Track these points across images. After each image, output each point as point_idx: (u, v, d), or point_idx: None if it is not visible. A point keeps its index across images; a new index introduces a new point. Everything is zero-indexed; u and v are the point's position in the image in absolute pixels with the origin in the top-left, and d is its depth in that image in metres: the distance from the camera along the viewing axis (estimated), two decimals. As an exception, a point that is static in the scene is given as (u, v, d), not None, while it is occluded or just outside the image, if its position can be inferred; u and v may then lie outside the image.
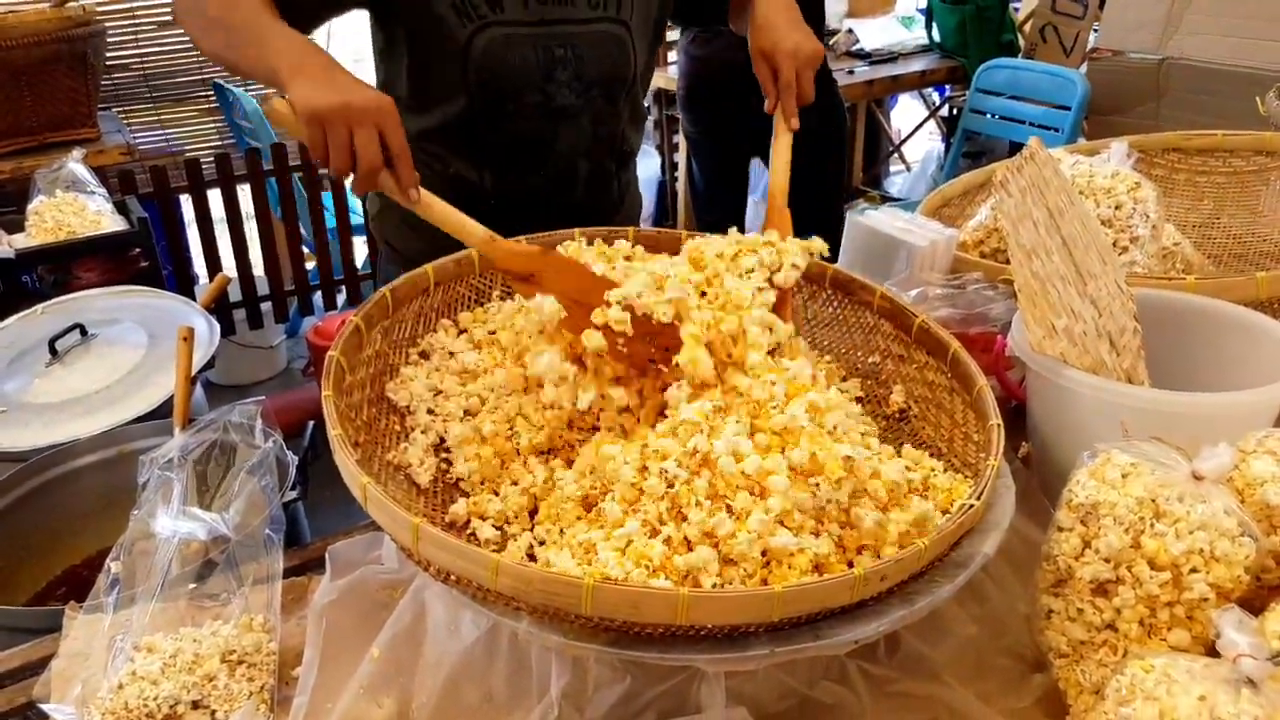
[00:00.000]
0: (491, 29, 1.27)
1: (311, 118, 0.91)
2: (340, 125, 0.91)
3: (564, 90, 1.33)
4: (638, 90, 1.44)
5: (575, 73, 1.33)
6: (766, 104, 1.23)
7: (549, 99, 1.33)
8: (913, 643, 0.88)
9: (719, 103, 2.85)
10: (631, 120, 1.46)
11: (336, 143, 0.91)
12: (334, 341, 0.96)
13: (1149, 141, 1.63)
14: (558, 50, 1.31)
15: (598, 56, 1.34)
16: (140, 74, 3.73)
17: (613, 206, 1.51)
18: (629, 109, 1.44)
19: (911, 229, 1.33)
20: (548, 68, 1.31)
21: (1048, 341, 0.99)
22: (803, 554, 0.80)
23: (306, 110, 0.92)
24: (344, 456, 0.82)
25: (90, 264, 2.36)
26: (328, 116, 0.91)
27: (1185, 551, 0.76)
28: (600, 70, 1.35)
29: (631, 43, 1.37)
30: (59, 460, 1.37)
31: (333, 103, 0.91)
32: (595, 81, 1.35)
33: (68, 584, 1.34)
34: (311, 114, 0.91)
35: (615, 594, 0.72)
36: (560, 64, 1.31)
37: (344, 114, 0.91)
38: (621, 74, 1.38)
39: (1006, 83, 3.43)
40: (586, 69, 1.33)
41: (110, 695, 0.88)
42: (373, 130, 0.92)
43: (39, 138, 2.74)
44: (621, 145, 1.47)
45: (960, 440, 1.02)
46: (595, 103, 1.37)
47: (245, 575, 1.02)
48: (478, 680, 0.87)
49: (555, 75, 1.32)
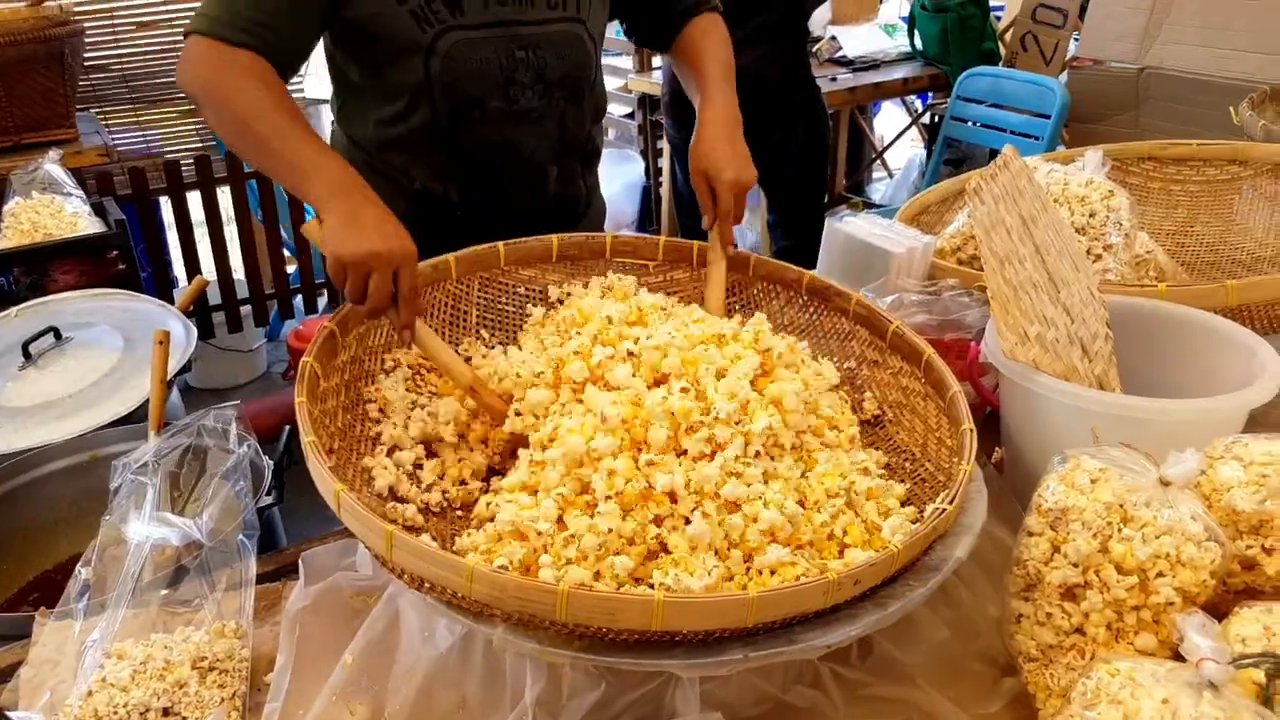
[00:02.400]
0: (452, 33, 1.26)
1: (336, 262, 0.99)
2: (361, 271, 0.99)
3: (526, 92, 1.33)
4: (599, 89, 1.45)
5: (537, 74, 1.33)
6: (705, 221, 1.26)
7: (512, 102, 1.33)
8: (885, 646, 0.89)
9: None
10: (594, 118, 1.47)
11: (355, 282, 1.00)
12: (308, 347, 0.95)
13: (1125, 150, 1.65)
14: (518, 52, 1.31)
15: (558, 56, 1.34)
16: (119, 75, 3.70)
17: (580, 211, 1.51)
18: (592, 108, 1.44)
19: (889, 236, 1.33)
20: (509, 70, 1.31)
21: (1020, 348, 1.00)
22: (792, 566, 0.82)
23: (333, 255, 1.00)
24: (317, 463, 0.82)
25: (67, 266, 2.34)
26: (351, 264, 0.99)
27: (1152, 556, 0.77)
28: (562, 70, 1.35)
29: (591, 41, 1.37)
30: (32, 464, 1.35)
31: (357, 254, 0.99)
32: (557, 82, 1.35)
33: (40, 589, 1.33)
34: (336, 260, 0.99)
35: (590, 600, 0.72)
36: (521, 65, 1.31)
37: (367, 263, 0.99)
38: (583, 73, 1.38)
39: (987, 91, 3.45)
40: (548, 70, 1.33)
41: (80, 702, 0.87)
42: (389, 275, 1.00)
43: (15, 138, 2.71)
44: (587, 145, 1.47)
45: (934, 445, 1.03)
46: (558, 104, 1.37)
47: (218, 581, 1.01)
48: (451, 687, 0.87)
49: (517, 77, 1.32)
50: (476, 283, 1.18)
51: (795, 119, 2.88)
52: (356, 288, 1.00)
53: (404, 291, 1.01)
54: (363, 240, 0.99)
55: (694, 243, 1.25)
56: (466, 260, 1.16)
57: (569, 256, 1.21)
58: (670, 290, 1.23)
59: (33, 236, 2.25)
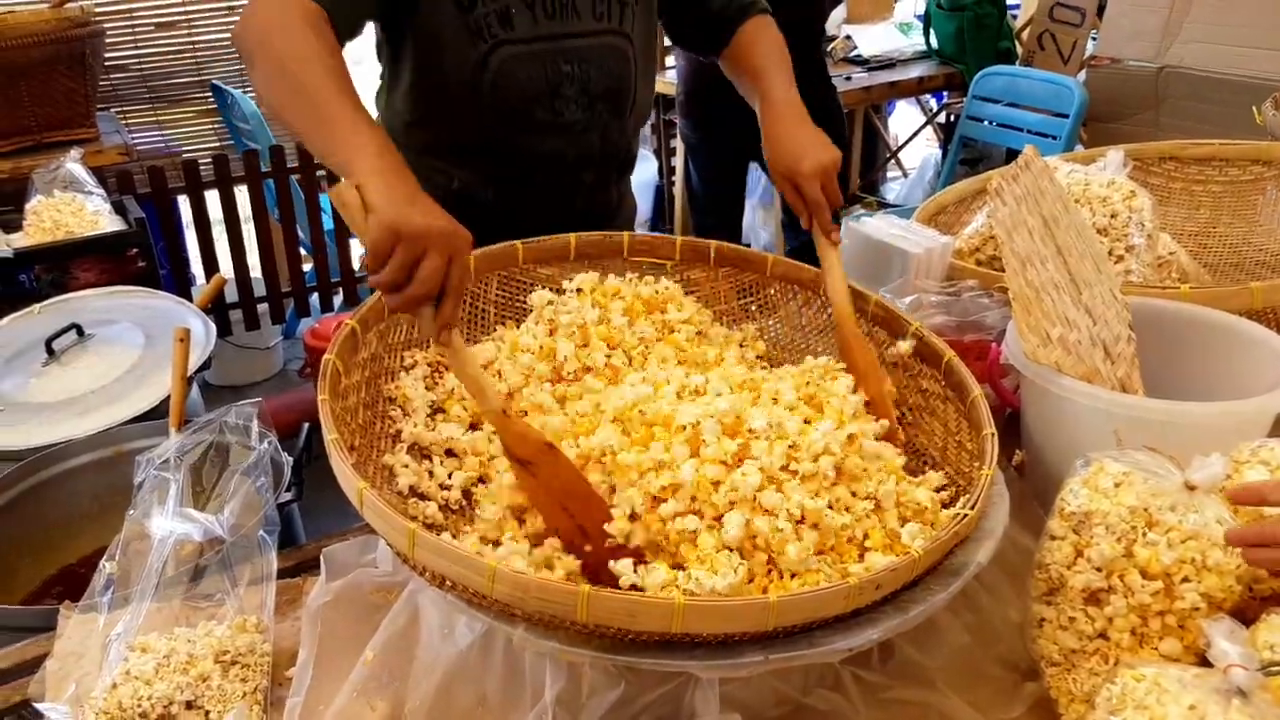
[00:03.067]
0: (504, 47, 1.27)
1: (390, 231, 0.84)
2: (416, 246, 0.85)
3: (571, 106, 1.34)
4: (641, 101, 1.44)
5: (582, 88, 1.33)
6: (803, 221, 1.21)
7: (557, 115, 1.34)
8: (906, 650, 0.89)
9: (717, 107, 2.85)
10: (634, 130, 1.48)
11: (402, 261, 0.85)
12: (330, 344, 0.96)
13: (1146, 150, 1.64)
14: (564, 66, 1.31)
15: (602, 70, 1.34)
16: (139, 75, 3.73)
17: (611, 213, 1.51)
18: (634, 120, 1.44)
19: (907, 236, 1.33)
20: (555, 84, 1.31)
21: (1042, 350, 1.00)
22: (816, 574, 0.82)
23: (389, 223, 0.84)
24: (340, 461, 0.82)
25: (88, 264, 2.36)
26: (408, 236, 0.84)
27: (1177, 561, 0.76)
28: (605, 84, 1.35)
29: (633, 54, 1.37)
30: (55, 460, 1.36)
31: (417, 226, 0.84)
32: (600, 96, 1.36)
33: (63, 583, 1.34)
34: (391, 228, 0.84)
35: (611, 602, 0.72)
36: (567, 79, 1.32)
37: (424, 238, 0.85)
38: (625, 85, 1.38)
39: (1004, 90, 3.44)
40: (592, 83, 1.34)
41: (104, 695, 0.88)
42: (444, 259, 0.86)
43: (37, 137, 2.74)
44: (625, 154, 1.48)
45: (954, 448, 1.02)
46: (601, 117, 1.38)
47: (240, 576, 1.02)
48: (471, 684, 0.87)
49: (562, 91, 1.32)
50: (495, 280, 1.18)
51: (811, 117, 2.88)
52: (403, 267, 0.84)
53: (455, 283, 0.87)
54: (420, 213, 0.86)
55: (711, 242, 1.24)
56: (485, 258, 1.16)
57: (587, 255, 1.21)
58: (688, 290, 1.23)
59: (54, 234, 2.26)
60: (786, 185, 1.21)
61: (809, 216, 1.20)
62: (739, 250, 1.25)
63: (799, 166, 1.18)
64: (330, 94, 0.97)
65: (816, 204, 1.18)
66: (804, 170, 1.18)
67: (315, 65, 0.99)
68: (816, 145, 1.20)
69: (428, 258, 0.85)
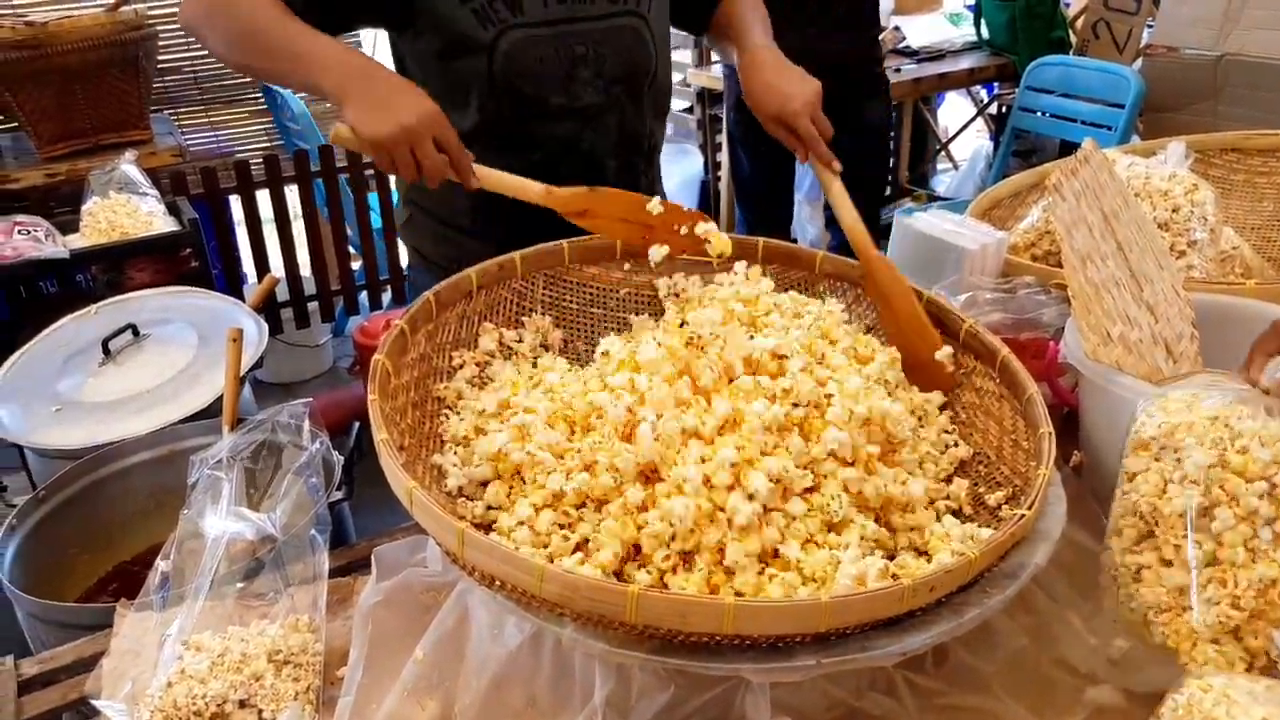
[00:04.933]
0: (513, 31, 1.26)
1: (376, 146, 1.03)
2: (402, 147, 1.03)
3: (587, 89, 1.33)
4: (659, 83, 1.43)
5: (596, 70, 1.32)
6: (799, 156, 1.25)
7: (573, 99, 1.32)
8: (961, 654, 0.87)
9: None
10: (655, 115, 1.45)
11: (402, 161, 1.04)
12: (379, 345, 0.96)
13: (1207, 142, 1.59)
14: (578, 49, 1.30)
15: (617, 52, 1.33)
16: (191, 77, 3.80)
17: None
18: (652, 104, 1.43)
19: (961, 232, 1.30)
20: (569, 67, 1.30)
21: (1102, 349, 0.97)
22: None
23: (369, 140, 1.03)
24: (390, 461, 0.83)
25: (142, 264, 2.41)
26: (389, 144, 1.02)
27: (1275, 459, 0.74)
28: (621, 66, 1.34)
29: (650, 35, 1.36)
30: (111, 458, 1.39)
31: (391, 131, 1.02)
32: (617, 78, 1.34)
33: (119, 580, 1.37)
34: (375, 143, 1.03)
35: (660, 603, 0.71)
36: (581, 62, 1.31)
37: (404, 138, 1.02)
38: (642, 67, 1.37)
39: (1057, 80, 3.36)
40: (607, 66, 1.33)
41: (160, 693, 0.89)
42: (429, 143, 1.04)
43: (93, 140, 2.79)
44: (648, 142, 1.46)
45: (1009, 448, 1.00)
46: (619, 100, 1.36)
47: (292, 575, 1.03)
48: (521, 685, 0.87)
49: (577, 74, 1.31)
50: (541, 280, 1.18)
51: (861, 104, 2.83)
52: (406, 164, 1.04)
53: (452, 150, 1.06)
54: (390, 118, 1.02)
55: (759, 239, 1.23)
56: (532, 259, 1.16)
57: (633, 254, 1.20)
58: (736, 288, 1.22)
59: (109, 235, 2.31)
60: (778, 128, 1.25)
61: (805, 152, 1.24)
62: (787, 247, 1.23)
63: (789, 106, 1.23)
64: (278, 31, 1.12)
65: (811, 138, 1.23)
66: (793, 108, 1.22)
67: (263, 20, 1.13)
68: (798, 82, 1.25)
69: (418, 148, 1.03)
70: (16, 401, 1.53)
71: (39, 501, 1.31)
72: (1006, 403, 1.03)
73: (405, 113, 1.03)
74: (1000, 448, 1.02)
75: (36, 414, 1.50)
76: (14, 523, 1.27)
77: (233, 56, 1.19)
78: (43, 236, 2.25)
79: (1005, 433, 1.02)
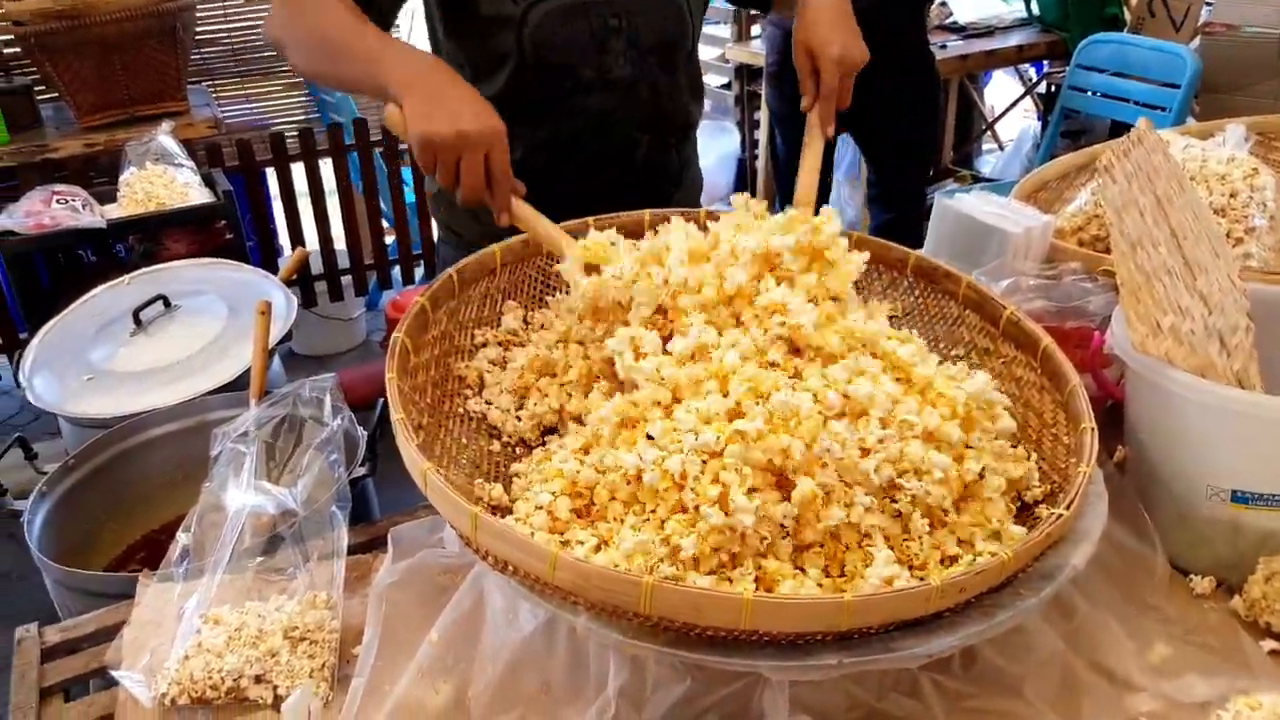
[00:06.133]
0: (543, 3, 1.23)
1: (424, 145, 0.95)
2: (451, 153, 0.96)
3: (619, 60, 1.29)
4: (695, 58, 1.39)
5: (629, 40, 1.28)
6: (804, 102, 1.18)
7: (604, 71, 1.29)
8: (991, 656, 0.84)
9: None
10: (691, 91, 1.41)
11: (445, 167, 0.97)
12: (399, 322, 0.94)
13: (1269, 123, 1.51)
14: (611, 19, 1.26)
15: (652, 22, 1.29)
16: (228, 48, 3.81)
17: (672, 184, 1.46)
18: (687, 79, 1.39)
19: (1005, 214, 1.25)
20: (602, 38, 1.27)
21: (1151, 340, 0.92)
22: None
23: (419, 136, 0.95)
24: (405, 441, 0.81)
25: (178, 235, 2.43)
26: (439, 147, 0.95)
27: None
28: (655, 37, 1.30)
29: (687, 7, 1.32)
30: (140, 428, 1.40)
31: (446, 134, 0.95)
32: (651, 49, 1.30)
33: (147, 549, 1.38)
34: (424, 142, 0.95)
35: (675, 595, 0.69)
36: (614, 33, 1.27)
37: (456, 143, 0.95)
38: (678, 39, 1.33)
39: (1110, 59, 3.25)
40: (641, 36, 1.29)
41: (177, 665, 0.89)
42: (479, 157, 0.96)
43: (130, 111, 2.81)
44: (682, 119, 1.42)
45: (1049, 442, 0.96)
46: (652, 72, 1.32)
47: (311, 551, 1.02)
48: (535, 670, 0.86)
49: (609, 45, 1.28)
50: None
51: (906, 78, 2.75)
52: (448, 171, 0.96)
53: (497, 173, 0.98)
54: (449, 119, 0.95)
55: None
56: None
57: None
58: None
59: (146, 206, 2.33)
60: (805, 61, 1.18)
61: (814, 98, 1.17)
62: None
63: (827, 49, 1.15)
64: (348, 32, 1.05)
65: (829, 90, 1.16)
66: (831, 53, 1.15)
67: (330, 16, 1.07)
68: (851, 37, 1.17)
69: (465, 159, 0.95)
70: (51, 370, 1.54)
71: (68, 470, 1.32)
72: (1047, 395, 0.99)
73: (467, 119, 0.96)
74: (1039, 441, 0.98)
75: (69, 383, 1.51)
76: (44, 489, 1.28)
77: (310, 65, 1.14)
78: (80, 206, 2.27)
79: (1045, 426, 0.98)
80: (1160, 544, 0.95)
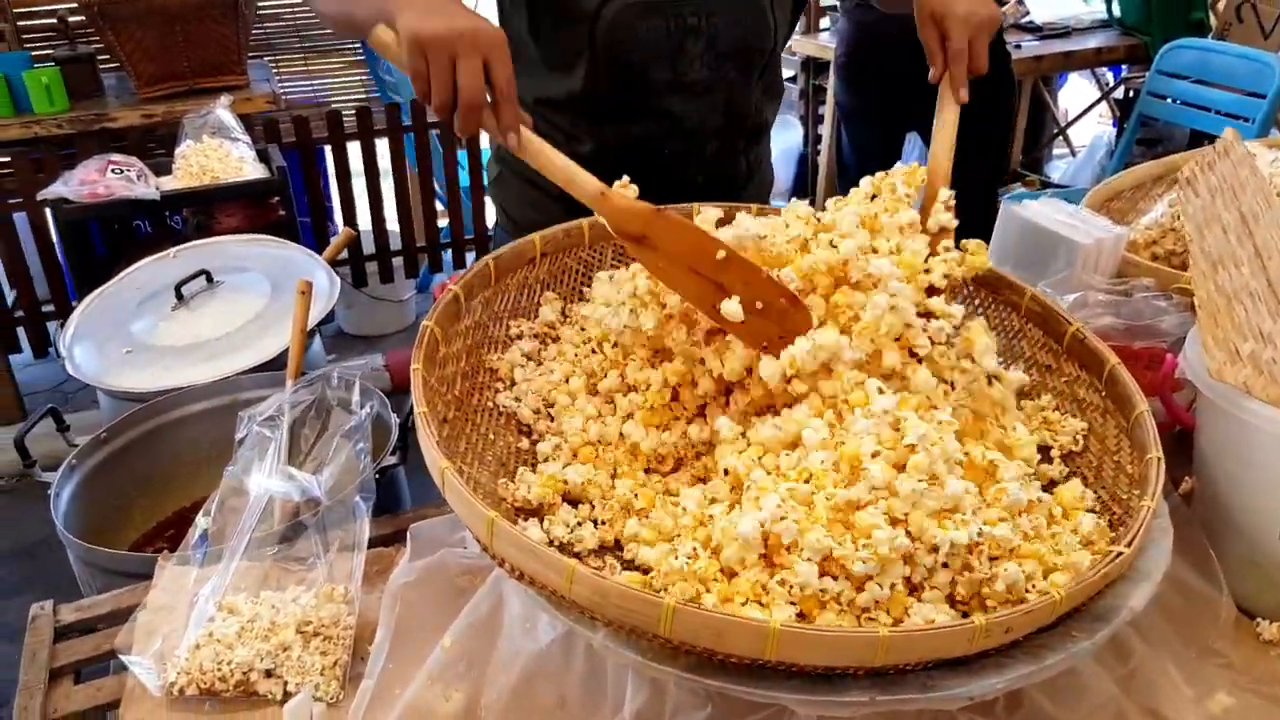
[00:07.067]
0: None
1: (414, 44, 0.85)
2: (443, 53, 0.84)
3: (695, 64, 1.23)
4: (776, 63, 1.32)
5: (708, 43, 1.22)
6: (932, 73, 1.10)
7: (679, 75, 1.23)
8: (1039, 700, 0.78)
9: (883, 73, 2.67)
10: (766, 95, 1.34)
11: (438, 72, 0.85)
12: (430, 311, 0.91)
13: (1366, 138, 1.42)
14: (690, 19, 1.20)
15: (733, 25, 1.23)
16: (291, 24, 3.83)
17: (739, 184, 1.40)
18: (763, 83, 1.32)
19: (1075, 224, 1.18)
20: (679, 39, 1.21)
21: (1229, 368, 0.85)
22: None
23: (409, 36, 0.85)
24: (426, 437, 0.77)
25: (231, 209, 2.44)
26: (430, 43, 0.84)
27: None
28: (735, 41, 1.24)
29: (770, 9, 1.26)
30: (175, 404, 1.39)
31: (437, 29, 0.84)
32: (729, 53, 1.24)
33: (176, 527, 1.37)
34: (414, 40, 0.85)
35: (697, 619, 0.65)
36: (692, 34, 1.21)
37: (448, 41, 0.84)
38: (758, 44, 1.26)
39: (1193, 65, 3.11)
40: (720, 39, 1.22)
41: (187, 655, 0.87)
42: (477, 61, 0.85)
43: (190, 83, 2.83)
44: (754, 122, 1.36)
45: (1111, 470, 0.90)
46: (728, 76, 1.26)
47: (332, 541, 1.00)
48: (551, 683, 0.82)
49: (686, 47, 1.22)
50: (610, 251, 1.11)
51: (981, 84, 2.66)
52: (443, 77, 0.85)
53: (500, 85, 0.87)
54: (443, 18, 0.85)
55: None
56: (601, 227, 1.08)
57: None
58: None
59: (201, 179, 2.34)
60: (931, 29, 1.09)
61: (943, 66, 1.08)
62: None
63: (953, 8, 1.06)
64: None
65: (958, 53, 1.07)
66: (957, 12, 1.06)
67: None
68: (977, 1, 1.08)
69: (461, 61, 0.84)
70: (92, 341, 1.55)
71: (100, 443, 1.31)
72: (1111, 419, 0.93)
73: (461, 20, 0.86)
74: (1100, 468, 0.91)
75: (108, 355, 1.51)
76: (74, 463, 1.27)
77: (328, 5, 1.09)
78: (135, 177, 2.29)
79: (1107, 453, 0.91)
80: (1226, 584, 0.88)
